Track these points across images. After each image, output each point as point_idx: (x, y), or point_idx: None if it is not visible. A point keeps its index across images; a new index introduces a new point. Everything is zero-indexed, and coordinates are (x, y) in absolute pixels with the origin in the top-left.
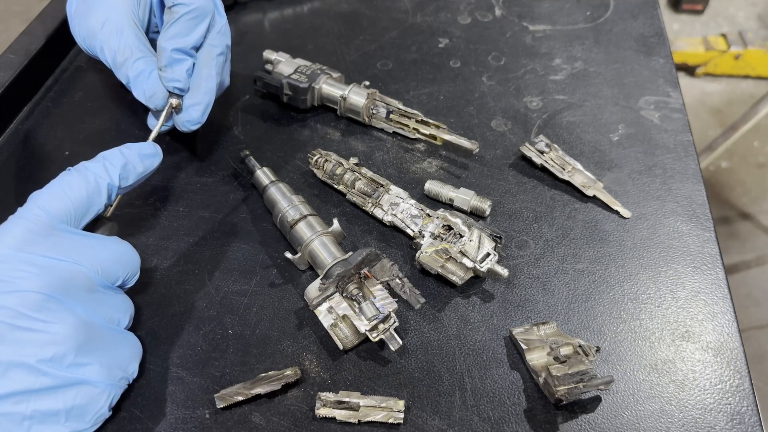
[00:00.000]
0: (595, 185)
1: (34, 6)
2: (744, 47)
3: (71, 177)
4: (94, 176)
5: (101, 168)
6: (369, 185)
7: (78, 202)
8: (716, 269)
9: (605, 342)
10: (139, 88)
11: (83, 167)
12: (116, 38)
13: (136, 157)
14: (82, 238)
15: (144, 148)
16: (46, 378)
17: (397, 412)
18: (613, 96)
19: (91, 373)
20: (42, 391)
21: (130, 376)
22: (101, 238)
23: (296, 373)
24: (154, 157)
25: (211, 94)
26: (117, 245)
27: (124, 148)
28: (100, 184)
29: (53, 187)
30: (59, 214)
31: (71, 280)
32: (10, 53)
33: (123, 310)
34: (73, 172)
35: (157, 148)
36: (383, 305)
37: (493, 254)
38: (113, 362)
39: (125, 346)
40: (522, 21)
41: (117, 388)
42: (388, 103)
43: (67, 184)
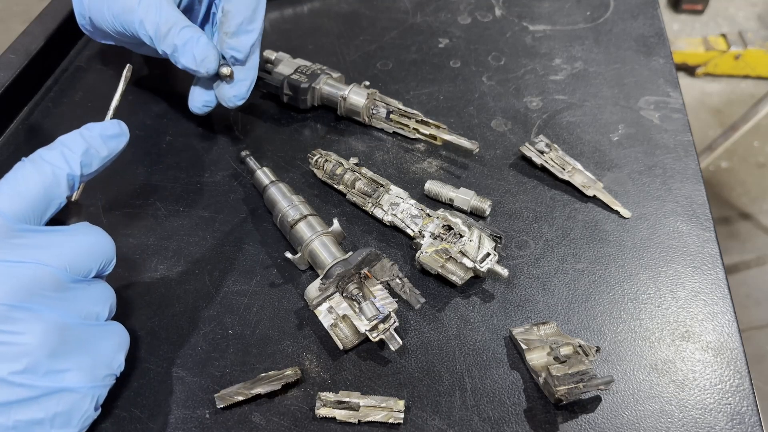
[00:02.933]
0: (595, 185)
1: (34, 6)
2: (744, 47)
3: (25, 171)
4: (50, 168)
5: (59, 156)
6: (369, 185)
7: (35, 199)
8: (716, 269)
9: (605, 342)
10: (188, 54)
11: (39, 157)
12: (156, 11)
13: (98, 139)
14: (44, 234)
15: (107, 128)
16: (22, 389)
17: (397, 412)
18: (613, 96)
19: (71, 379)
20: (21, 402)
21: (117, 371)
22: (67, 230)
23: (296, 373)
24: (119, 137)
25: (255, 70)
26: (86, 235)
27: (84, 129)
28: (58, 176)
29: (5, 185)
30: (15, 215)
31: (36, 282)
32: (10, 53)
33: (101, 301)
34: (27, 165)
35: (122, 126)
36: (383, 305)
37: (493, 254)
38: (95, 361)
39: (107, 339)
40: (522, 21)
41: (101, 388)
42: (388, 103)
43: (20, 179)
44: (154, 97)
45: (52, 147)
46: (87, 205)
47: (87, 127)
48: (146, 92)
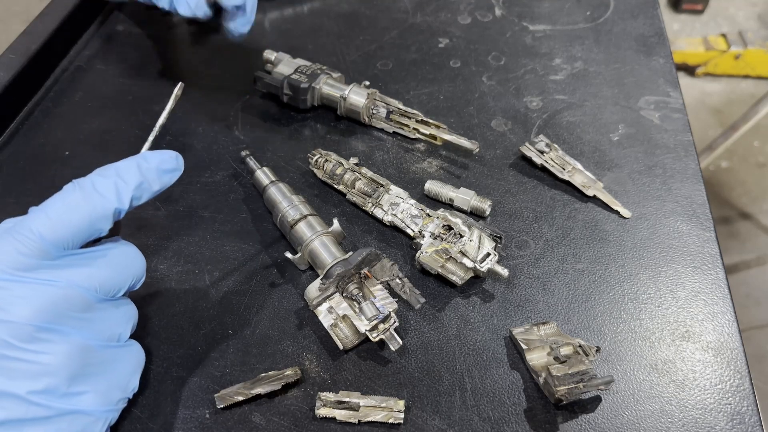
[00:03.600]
0: (595, 185)
1: (34, 6)
2: (744, 47)
3: (75, 198)
4: (101, 201)
5: (111, 189)
6: (369, 185)
7: (79, 229)
8: (716, 269)
9: (605, 342)
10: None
11: (91, 187)
12: None
13: (154, 172)
14: (78, 257)
15: (165, 161)
16: (38, 408)
17: (397, 412)
18: (613, 96)
19: (86, 402)
20: (34, 421)
21: (131, 393)
22: (101, 250)
23: (296, 373)
24: (173, 172)
25: None
26: (120, 255)
27: (142, 160)
28: (107, 210)
29: (51, 210)
30: (55, 241)
31: (66, 303)
32: (10, 53)
33: (124, 322)
34: (78, 191)
35: (179, 160)
36: (383, 305)
37: (493, 254)
38: (111, 384)
39: (125, 361)
40: (522, 21)
41: (114, 412)
42: (388, 103)
43: (69, 207)
44: (154, 97)
45: (106, 175)
46: None
47: (144, 156)
48: (146, 92)
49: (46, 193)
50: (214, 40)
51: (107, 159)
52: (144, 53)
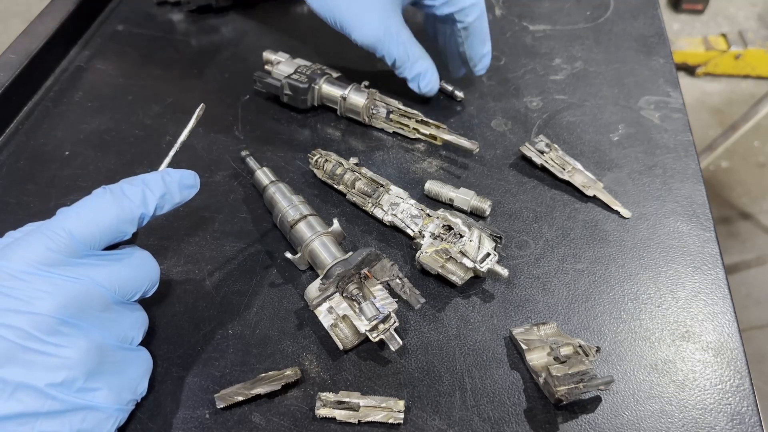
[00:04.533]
0: (595, 185)
1: (34, 6)
2: (744, 47)
3: (105, 201)
4: (129, 204)
5: (140, 195)
6: (369, 185)
7: (106, 230)
8: (716, 269)
9: (605, 342)
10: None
11: (120, 192)
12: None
13: (176, 186)
14: (101, 257)
15: (186, 177)
16: (54, 402)
17: (397, 413)
18: (613, 96)
19: (100, 398)
20: (49, 414)
21: (139, 396)
22: (121, 254)
23: (296, 373)
24: (192, 188)
25: None
26: (137, 260)
27: (166, 174)
28: (134, 213)
29: (83, 209)
30: (84, 239)
31: (87, 300)
32: (10, 53)
33: (137, 326)
34: (108, 195)
35: (196, 179)
36: (383, 305)
37: (493, 254)
38: (123, 385)
39: (137, 365)
40: (522, 21)
41: (124, 412)
42: (388, 103)
43: (99, 208)
44: (154, 97)
45: (134, 183)
46: None
47: (168, 172)
48: (146, 92)
49: (46, 193)
50: (214, 40)
51: (107, 159)
52: (144, 53)
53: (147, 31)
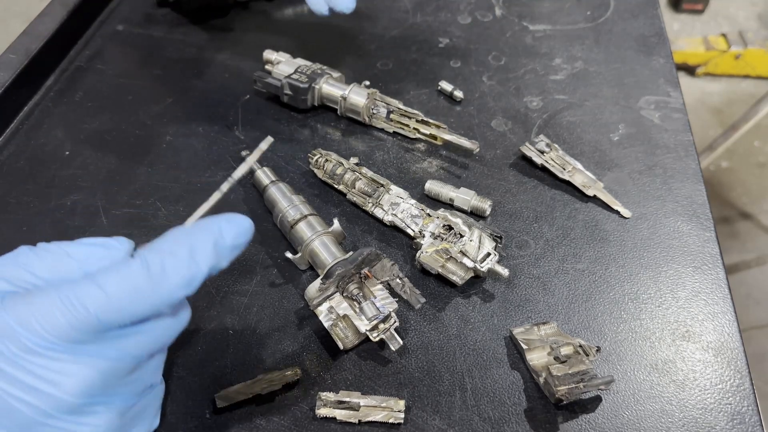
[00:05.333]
0: (596, 185)
1: (34, 6)
2: (744, 47)
3: (140, 282)
4: (168, 290)
5: (184, 277)
6: (369, 185)
7: (138, 316)
8: (717, 269)
9: (606, 342)
10: None
11: (160, 271)
12: None
13: (227, 252)
14: (133, 330)
15: (241, 235)
16: None
17: (398, 412)
18: (613, 96)
19: None
20: None
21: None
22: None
23: (296, 373)
24: (243, 246)
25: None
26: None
27: (219, 237)
28: (174, 298)
29: (113, 291)
30: (111, 323)
31: (113, 375)
32: (10, 53)
33: (158, 370)
34: (144, 274)
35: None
36: (383, 305)
37: (493, 254)
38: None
39: (152, 405)
40: (522, 21)
41: None
42: (389, 103)
43: (132, 292)
44: (154, 97)
45: (178, 255)
46: (87, 205)
47: (222, 234)
48: (146, 92)
49: (46, 193)
50: (214, 40)
51: (107, 159)
52: (144, 53)
53: (147, 31)
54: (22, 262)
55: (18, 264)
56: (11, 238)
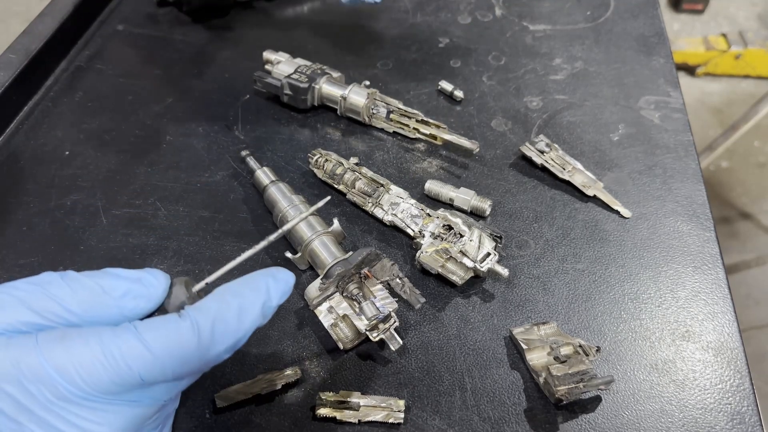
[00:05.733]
0: (596, 185)
1: (34, 6)
2: (744, 47)
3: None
4: (215, 353)
5: (230, 341)
6: (369, 185)
7: (181, 377)
8: (716, 269)
9: (605, 342)
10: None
11: (209, 337)
12: None
13: (270, 312)
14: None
15: (285, 294)
16: None
17: (398, 412)
18: (613, 96)
19: None
20: None
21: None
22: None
23: (296, 373)
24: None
25: None
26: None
27: (268, 300)
28: (218, 359)
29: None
30: (152, 381)
31: (145, 418)
32: (10, 53)
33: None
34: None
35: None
36: (383, 305)
37: (493, 254)
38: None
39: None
40: (522, 21)
41: None
42: (388, 103)
43: (179, 356)
44: (154, 97)
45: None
46: (87, 205)
47: (270, 296)
48: (146, 92)
49: (46, 193)
50: (214, 40)
51: (107, 159)
52: (144, 53)
53: (147, 31)
54: (53, 294)
55: (49, 296)
56: (11, 238)
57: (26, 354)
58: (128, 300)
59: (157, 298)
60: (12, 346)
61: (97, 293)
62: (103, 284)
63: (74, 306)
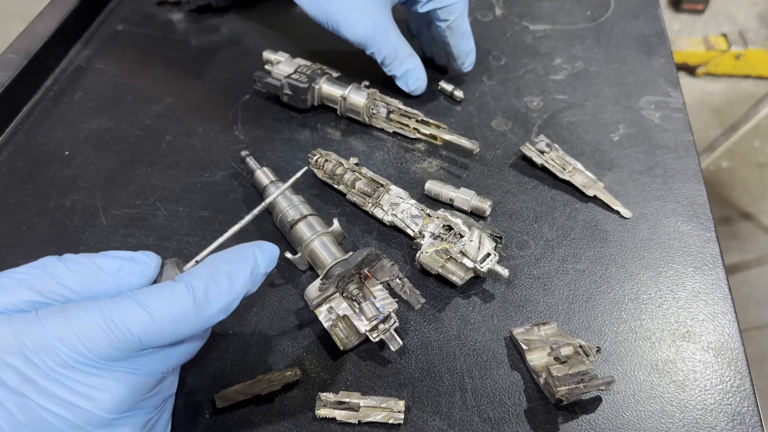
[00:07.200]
0: (596, 185)
1: (34, 6)
2: (744, 47)
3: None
4: (210, 315)
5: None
6: (369, 185)
7: (178, 339)
8: (717, 269)
9: (606, 342)
10: (404, 82)
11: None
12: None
13: (260, 278)
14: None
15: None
16: None
17: (398, 413)
18: (613, 96)
19: None
20: None
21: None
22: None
23: (296, 374)
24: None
25: None
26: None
27: (255, 266)
28: (213, 321)
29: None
30: (152, 344)
31: (144, 389)
32: (10, 53)
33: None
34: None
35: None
36: (383, 305)
37: (493, 254)
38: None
39: (166, 415)
40: (522, 21)
41: None
42: (389, 103)
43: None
44: (154, 97)
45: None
46: (87, 205)
47: (257, 261)
48: (146, 92)
49: (46, 193)
50: (214, 40)
51: (107, 159)
52: (144, 53)
53: (147, 31)
54: (51, 273)
55: (48, 275)
56: (11, 238)
57: (27, 326)
58: (123, 276)
59: (150, 274)
60: (13, 321)
61: (93, 270)
62: (98, 262)
63: (72, 283)
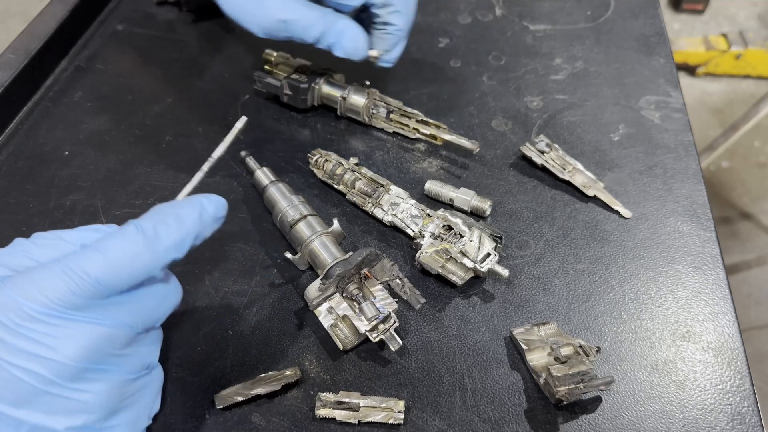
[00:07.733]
0: (596, 185)
1: (34, 6)
2: (745, 47)
3: (136, 245)
4: (163, 250)
5: (174, 239)
6: (369, 185)
7: (135, 278)
8: (717, 269)
9: (606, 342)
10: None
11: (154, 234)
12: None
13: (210, 222)
14: (126, 294)
15: (220, 209)
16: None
17: (398, 413)
18: (613, 96)
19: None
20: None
21: (153, 416)
22: (147, 286)
23: (296, 374)
24: (221, 220)
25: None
26: (162, 289)
27: (203, 211)
28: (167, 259)
29: (111, 253)
30: (109, 286)
31: (110, 342)
32: (10, 53)
33: (155, 350)
34: (139, 238)
35: (226, 208)
36: (383, 305)
37: (493, 254)
38: (139, 414)
39: (151, 387)
40: (522, 21)
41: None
42: (388, 103)
43: (128, 253)
44: (154, 97)
45: (168, 222)
46: (87, 205)
47: (204, 208)
48: (146, 92)
49: (46, 193)
50: (214, 40)
51: (107, 159)
52: (144, 53)
53: (147, 31)
54: (20, 250)
55: (16, 252)
56: (11, 238)
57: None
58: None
59: None
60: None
61: (56, 241)
62: (61, 235)
63: (39, 255)
